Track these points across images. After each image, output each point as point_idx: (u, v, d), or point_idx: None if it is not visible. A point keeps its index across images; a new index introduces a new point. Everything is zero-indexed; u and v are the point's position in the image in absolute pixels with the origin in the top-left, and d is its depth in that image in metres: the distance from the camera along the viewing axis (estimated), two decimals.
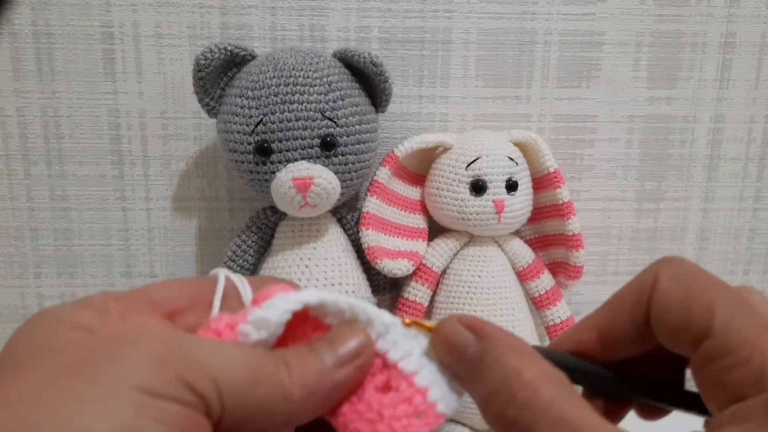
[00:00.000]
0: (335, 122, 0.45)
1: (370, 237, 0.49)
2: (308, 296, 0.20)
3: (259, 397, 0.18)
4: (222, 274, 0.22)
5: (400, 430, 0.19)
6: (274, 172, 0.45)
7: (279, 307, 0.19)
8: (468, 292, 0.50)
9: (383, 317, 0.21)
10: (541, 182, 0.52)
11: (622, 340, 0.21)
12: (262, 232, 0.50)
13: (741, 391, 0.18)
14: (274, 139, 0.44)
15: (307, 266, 0.48)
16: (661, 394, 0.21)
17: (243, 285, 0.22)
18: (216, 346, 0.18)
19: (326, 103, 0.45)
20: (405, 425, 0.19)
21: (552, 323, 0.53)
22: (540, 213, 0.53)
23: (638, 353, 0.22)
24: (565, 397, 0.18)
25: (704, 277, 0.20)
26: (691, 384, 0.22)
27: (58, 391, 0.16)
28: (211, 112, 0.48)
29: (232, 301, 0.22)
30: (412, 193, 0.54)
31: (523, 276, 0.53)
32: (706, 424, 0.20)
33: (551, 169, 0.51)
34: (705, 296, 0.19)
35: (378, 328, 0.21)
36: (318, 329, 0.21)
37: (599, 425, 0.18)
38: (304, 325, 0.21)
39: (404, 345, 0.21)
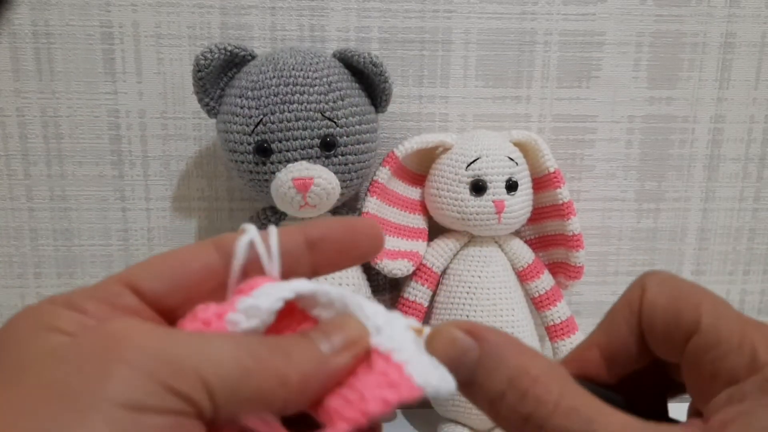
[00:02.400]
0: (335, 122, 0.45)
1: None
2: (301, 285, 0.19)
3: (252, 387, 0.18)
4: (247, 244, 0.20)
5: (370, 397, 0.19)
6: (274, 173, 0.45)
7: (271, 295, 0.19)
8: (468, 293, 0.50)
9: (376, 312, 0.21)
10: (541, 182, 0.52)
11: (621, 354, 0.22)
12: None
13: (734, 377, 0.19)
14: (273, 139, 0.44)
15: None
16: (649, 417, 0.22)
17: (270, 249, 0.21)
18: (202, 342, 0.18)
19: (326, 103, 0.45)
20: (376, 394, 0.19)
21: (552, 323, 0.53)
22: (540, 213, 0.53)
23: (638, 368, 0.23)
24: (573, 389, 0.19)
25: (688, 283, 0.22)
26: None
27: (36, 416, 0.16)
28: (211, 112, 0.48)
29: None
30: (412, 193, 0.53)
31: (523, 276, 0.53)
32: (691, 413, 0.21)
33: (551, 169, 0.51)
34: (691, 297, 0.21)
35: (373, 322, 0.20)
36: (304, 322, 0.21)
37: (609, 412, 0.19)
38: (290, 318, 0.20)
39: (399, 340, 0.20)
